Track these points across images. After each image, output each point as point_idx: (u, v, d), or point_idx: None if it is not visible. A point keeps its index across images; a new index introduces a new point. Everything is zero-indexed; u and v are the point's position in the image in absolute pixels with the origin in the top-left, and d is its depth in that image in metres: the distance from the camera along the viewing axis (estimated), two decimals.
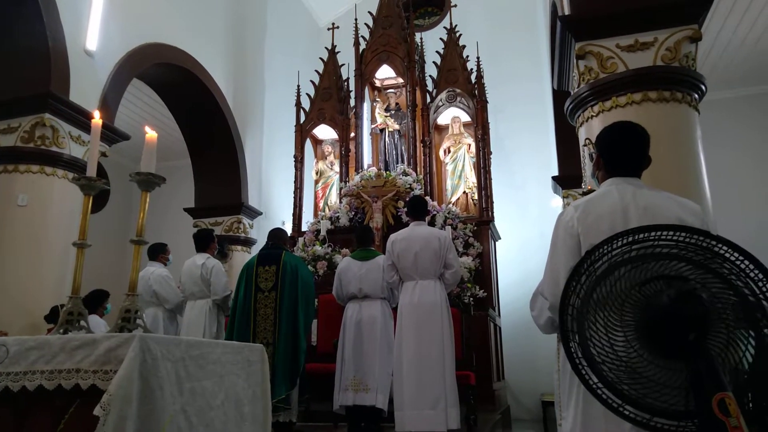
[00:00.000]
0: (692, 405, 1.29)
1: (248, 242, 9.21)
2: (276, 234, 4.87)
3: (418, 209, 4.58)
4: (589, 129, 4.41)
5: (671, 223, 1.51)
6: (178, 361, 1.93)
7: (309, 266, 6.77)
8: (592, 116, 4.37)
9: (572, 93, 4.62)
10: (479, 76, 7.85)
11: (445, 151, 8.05)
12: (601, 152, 2.00)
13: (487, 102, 7.99)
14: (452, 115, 8.06)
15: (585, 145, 4.51)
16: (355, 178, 7.61)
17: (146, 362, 1.79)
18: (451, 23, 8.33)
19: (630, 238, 1.49)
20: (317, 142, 8.98)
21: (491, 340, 6.53)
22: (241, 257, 8.81)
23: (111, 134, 6.10)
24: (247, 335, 4.42)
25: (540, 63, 9.51)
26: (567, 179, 7.37)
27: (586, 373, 1.42)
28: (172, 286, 5.48)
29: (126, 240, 10.80)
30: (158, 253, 5.69)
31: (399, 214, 7.15)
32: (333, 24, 8.96)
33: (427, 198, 7.21)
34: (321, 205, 8.42)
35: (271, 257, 4.65)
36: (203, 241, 5.37)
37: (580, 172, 4.91)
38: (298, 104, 8.57)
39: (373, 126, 8.58)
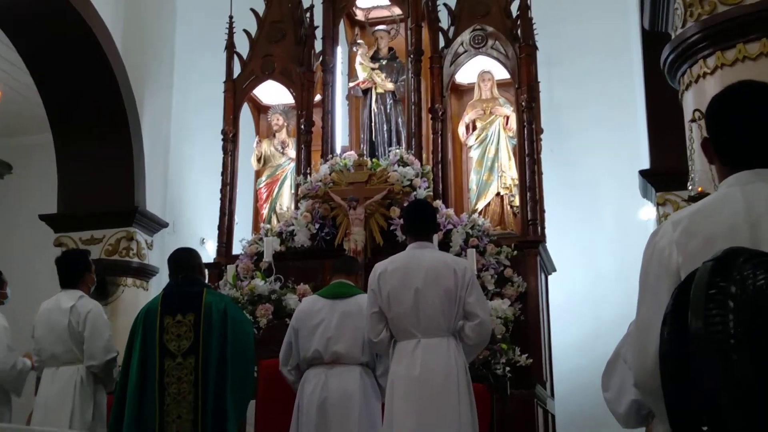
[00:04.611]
0: None
1: (145, 272, 9.11)
2: (185, 260, 4.81)
3: (421, 222, 4.55)
4: (701, 94, 4.43)
5: None
6: None
7: (244, 312, 6.72)
8: (706, 73, 4.41)
9: (673, 37, 4.65)
10: (524, 6, 7.89)
11: (468, 127, 8.07)
12: (713, 132, 2.01)
13: (536, 49, 8.02)
14: (480, 70, 8.08)
15: (694, 121, 4.54)
16: (322, 170, 7.59)
17: None
18: None
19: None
20: (261, 110, 8.95)
21: None
22: (134, 297, 8.73)
23: None
24: (147, 429, 4.39)
25: None
26: (664, 176, 7.38)
27: None
28: (3, 343, 5.42)
29: None
30: None
31: (392, 228, 7.13)
32: None
33: (438, 203, 7.20)
34: (265, 212, 8.39)
35: (185, 300, 4.61)
36: (73, 271, 5.31)
37: (684, 165, 4.92)
38: (231, 47, 8.54)
39: (352, 85, 8.58)
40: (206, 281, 5.03)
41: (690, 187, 4.75)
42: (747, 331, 1.46)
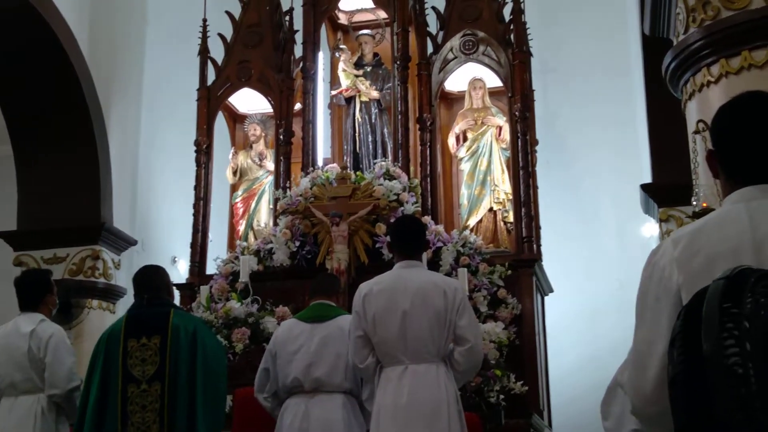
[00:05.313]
0: None
1: (112, 293, 9.07)
2: (150, 279, 4.79)
3: (409, 239, 4.55)
4: (705, 104, 4.47)
5: None
6: None
7: (219, 337, 6.68)
8: (710, 82, 4.43)
9: (675, 43, 4.68)
10: (518, 11, 7.93)
11: (458, 138, 8.09)
12: (718, 145, 2.03)
13: (530, 55, 8.06)
14: (471, 77, 8.11)
15: (697, 132, 4.57)
16: (303, 183, 7.58)
17: None
18: None
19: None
20: (236, 120, 8.94)
21: None
22: (100, 320, 8.68)
23: None
24: None
25: None
26: (667, 190, 7.42)
27: None
28: None
29: None
30: None
31: (378, 246, 7.14)
32: None
33: (427, 219, 7.20)
34: (241, 229, 8.37)
35: (150, 321, 4.58)
36: (33, 292, 5.27)
37: (688, 179, 4.95)
38: (204, 52, 8.54)
39: (334, 92, 8.58)
40: (175, 302, 5.00)
41: (694, 203, 4.76)
42: (763, 355, 1.48)
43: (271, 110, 8.38)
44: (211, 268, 7.97)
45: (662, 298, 1.86)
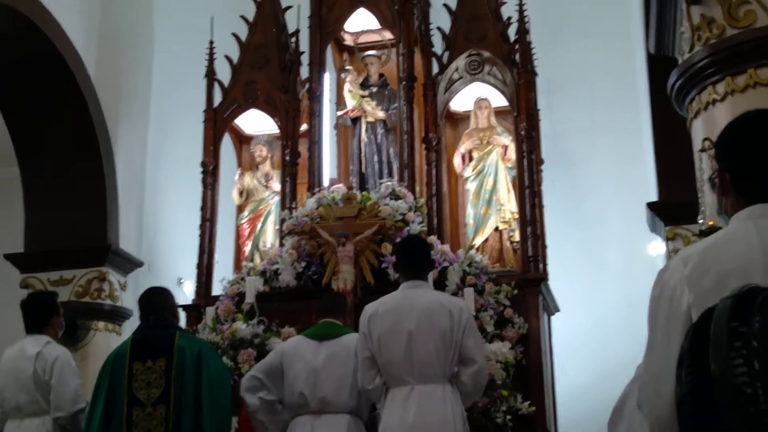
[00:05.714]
0: None
1: (118, 315, 9.06)
2: (156, 301, 4.80)
3: (415, 259, 4.56)
4: (710, 122, 4.46)
5: None
6: None
7: (225, 358, 6.67)
8: (716, 100, 4.43)
9: (680, 62, 4.68)
10: (522, 31, 7.96)
11: (464, 158, 8.10)
12: (726, 164, 2.02)
13: (535, 75, 8.07)
14: (476, 97, 8.13)
15: (703, 150, 4.56)
16: (309, 204, 7.58)
17: None
18: None
19: None
20: (243, 141, 8.96)
21: None
22: (106, 342, 8.67)
23: None
24: None
25: (625, 10, 9.67)
26: (673, 209, 7.41)
27: None
28: None
29: None
30: None
31: (384, 266, 7.12)
32: None
33: (432, 239, 7.20)
34: (247, 250, 8.37)
35: (155, 344, 4.58)
36: (39, 314, 5.29)
37: (695, 197, 4.93)
38: (211, 74, 8.57)
39: (340, 113, 8.60)
40: (181, 324, 5.00)
41: (701, 221, 4.76)
42: None
43: (278, 131, 8.39)
44: (217, 289, 7.96)
45: (673, 319, 1.85)
